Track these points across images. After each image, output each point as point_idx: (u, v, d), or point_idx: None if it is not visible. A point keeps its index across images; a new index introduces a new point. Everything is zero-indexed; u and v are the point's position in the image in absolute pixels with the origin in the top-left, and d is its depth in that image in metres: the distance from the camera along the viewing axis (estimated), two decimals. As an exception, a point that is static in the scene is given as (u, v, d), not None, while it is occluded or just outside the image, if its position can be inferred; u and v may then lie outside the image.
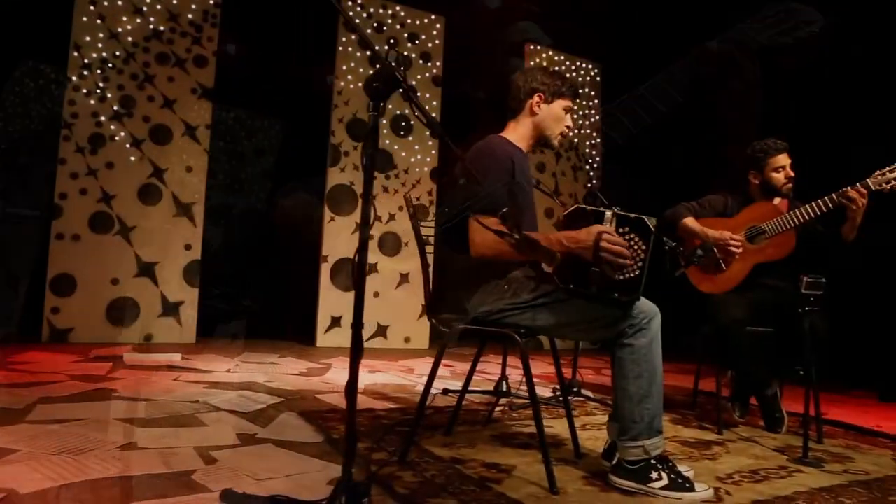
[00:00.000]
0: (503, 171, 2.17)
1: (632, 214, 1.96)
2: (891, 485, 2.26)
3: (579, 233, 1.97)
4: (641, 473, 1.98)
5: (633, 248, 1.93)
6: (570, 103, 2.36)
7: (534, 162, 6.73)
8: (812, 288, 2.54)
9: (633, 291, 1.94)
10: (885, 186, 2.90)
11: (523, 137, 2.37)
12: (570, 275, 1.98)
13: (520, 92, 2.35)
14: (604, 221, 1.97)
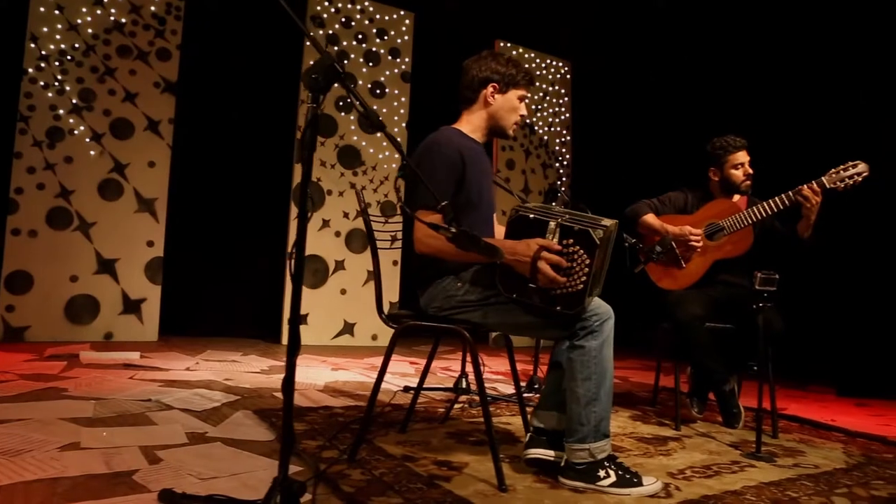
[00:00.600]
0: (451, 165, 2.14)
1: (577, 226, 1.91)
2: (839, 478, 2.28)
3: (518, 245, 1.91)
4: (589, 473, 1.98)
5: (577, 262, 1.89)
6: (525, 92, 2.33)
7: (503, 159, 6.73)
8: (765, 284, 2.55)
9: (575, 305, 1.91)
10: (839, 185, 2.93)
11: (478, 128, 2.34)
12: (512, 285, 1.96)
13: (473, 82, 2.31)
14: (546, 232, 1.92)
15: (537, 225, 1.95)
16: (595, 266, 1.90)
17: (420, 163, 2.17)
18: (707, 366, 3.04)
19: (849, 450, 2.76)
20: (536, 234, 1.93)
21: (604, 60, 7.22)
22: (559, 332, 2.03)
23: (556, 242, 1.90)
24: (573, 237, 1.91)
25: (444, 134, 2.27)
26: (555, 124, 7.20)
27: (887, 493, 2.13)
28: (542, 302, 1.95)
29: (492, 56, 2.35)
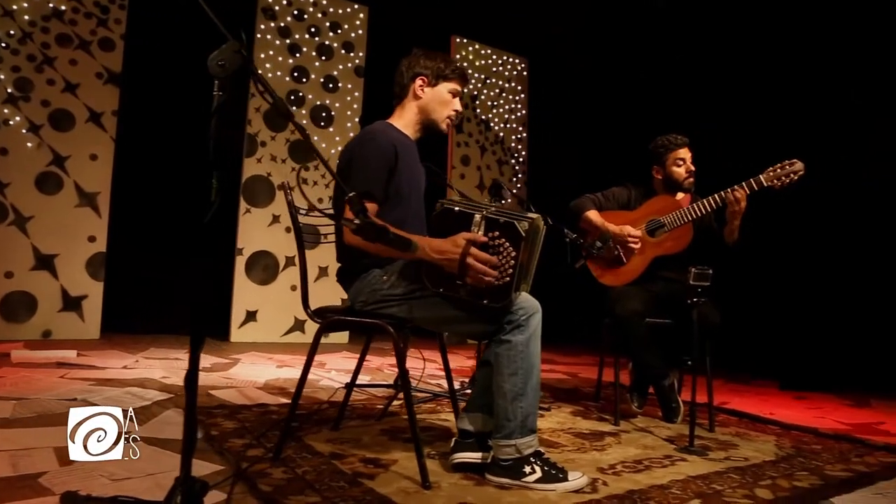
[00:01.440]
0: (385, 156, 2.10)
1: (502, 218, 1.88)
2: (766, 470, 2.30)
3: (444, 243, 1.88)
4: (515, 469, 1.96)
5: (503, 255, 1.87)
6: (457, 86, 2.31)
7: (458, 155, 6.70)
8: (699, 279, 2.57)
9: (502, 298, 1.89)
10: (776, 182, 2.96)
11: (409, 123, 2.31)
12: (438, 280, 1.93)
13: (403, 77, 2.29)
14: (472, 225, 1.90)
15: (463, 218, 1.92)
16: (521, 259, 1.88)
17: (354, 154, 2.14)
18: (646, 361, 3.05)
19: (781, 442, 2.80)
20: (462, 228, 1.90)
21: (561, 57, 7.24)
22: (486, 327, 2.01)
23: (481, 235, 1.88)
24: (499, 229, 1.89)
25: (378, 126, 2.25)
26: (511, 121, 7.20)
27: (808, 483, 2.16)
28: (469, 296, 1.92)
29: (423, 53, 2.33)
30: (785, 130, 5.18)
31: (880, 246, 4.83)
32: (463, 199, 2.00)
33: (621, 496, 1.91)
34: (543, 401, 3.47)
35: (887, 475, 2.36)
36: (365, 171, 2.06)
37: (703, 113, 5.56)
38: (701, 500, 1.92)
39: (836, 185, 4.96)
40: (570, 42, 7.01)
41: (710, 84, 5.80)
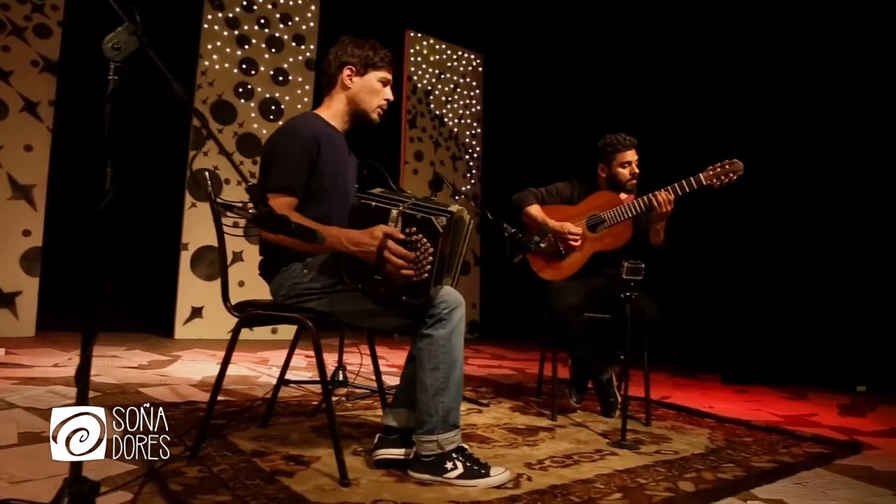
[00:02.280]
0: (305, 148, 2.05)
1: (419, 214, 1.86)
2: (693, 463, 2.31)
3: (362, 235, 1.85)
4: (437, 465, 1.93)
5: (420, 251, 1.85)
6: (387, 74, 2.26)
7: (411, 150, 6.65)
8: (632, 273, 2.57)
9: (421, 294, 1.86)
10: (715, 181, 2.97)
11: (338, 114, 2.26)
12: (357, 275, 1.89)
13: (331, 66, 2.24)
14: (389, 220, 1.86)
15: (379, 213, 1.89)
16: (441, 254, 1.85)
17: (275, 146, 2.09)
18: (584, 356, 3.05)
19: (714, 435, 2.82)
20: (379, 223, 1.86)
21: (516, 53, 7.24)
22: (408, 321, 1.98)
23: (399, 231, 1.85)
24: (416, 225, 1.85)
25: (302, 117, 2.21)
26: (465, 116, 7.18)
27: (732, 475, 2.17)
28: (388, 292, 1.89)
29: (352, 41, 2.27)
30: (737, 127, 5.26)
31: (819, 242, 4.94)
32: (386, 193, 1.96)
33: (542, 491, 1.89)
34: (483, 396, 3.46)
35: (810, 465, 2.40)
36: (283, 164, 2.00)
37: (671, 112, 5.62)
38: (622, 493, 1.92)
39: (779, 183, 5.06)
40: (527, 38, 7.02)
41: (680, 83, 5.85)
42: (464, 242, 2.07)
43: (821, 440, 2.79)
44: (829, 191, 4.96)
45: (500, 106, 7.39)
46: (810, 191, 5.03)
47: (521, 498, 1.83)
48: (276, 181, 1.98)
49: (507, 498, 1.82)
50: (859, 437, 3.00)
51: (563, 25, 6.63)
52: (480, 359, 5.35)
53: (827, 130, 5.01)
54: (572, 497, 1.86)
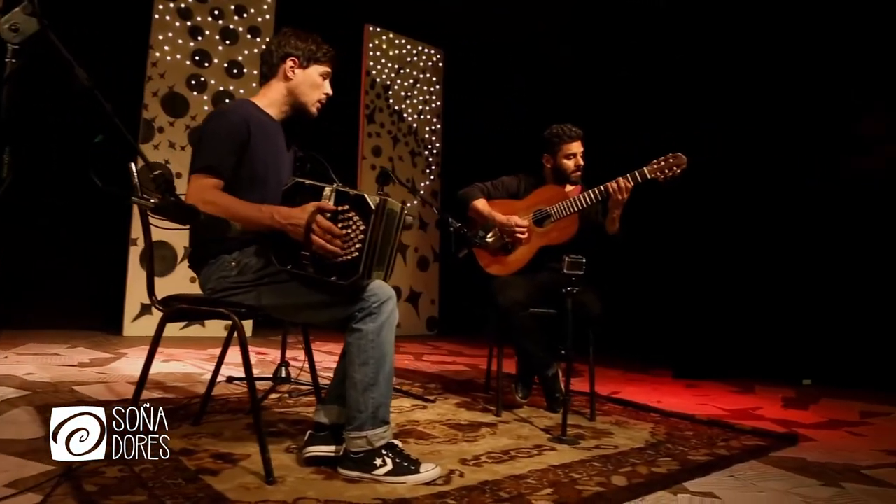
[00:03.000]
0: (233, 133, 1.99)
1: (352, 191, 1.85)
2: (630, 457, 2.31)
3: (292, 210, 1.84)
4: (366, 462, 1.90)
5: (352, 228, 1.83)
6: (329, 69, 2.24)
7: (369, 145, 6.59)
8: (572, 268, 2.56)
9: (350, 274, 1.83)
10: (659, 175, 2.97)
11: (274, 103, 2.22)
12: (286, 256, 1.86)
13: (272, 56, 2.20)
14: (322, 198, 1.85)
15: (312, 191, 1.87)
16: (372, 235, 1.83)
17: (204, 130, 2.05)
18: (529, 351, 3.04)
19: (656, 430, 2.83)
20: (312, 201, 1.84)
21: (476, 49, 7.22)
22: (337, 315, 1.94)
23: (331, 205, 1.82)
24: (348, 202, 1.84)
25: (234, 102, 2.19)
26: (425, 112, 7.15)
27: (667, 469, 2.17)
28: (317, 272, 1.86)
29: (294, 33, 2.25)
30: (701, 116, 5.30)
31: (767, 237, 5.01)
32: None
33: (472, 487, 1.87)
34: (431, 392, 3.43)
35: (745, 458, 2.42)
36: (210, 146, 1.95)
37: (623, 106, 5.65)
38: (553, 488, 1.91)
39: (728, 178, 5.12)
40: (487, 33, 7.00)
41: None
42: (396, 236, 2.04)
43: (759, 433, 2.82)
44: (779, 185, 5.04)
45: (461, 101, 7.36)
46: (759, 185, 5.10)
47: (449, 494, 1.81)
48: (200, 161, 1.93)
49: (435, 494, 1.80)
50: (798, 429, 3.04)
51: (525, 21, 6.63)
52: (436, 355, 5.33)
53: (783, 124, 5.08)
54: (501, 493, 1.84)
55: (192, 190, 1.89)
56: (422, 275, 6.94)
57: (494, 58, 7.24)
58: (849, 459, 2.50)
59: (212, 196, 1.86)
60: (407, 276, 6.84)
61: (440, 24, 7.07)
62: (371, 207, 1.82)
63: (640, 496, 1.91)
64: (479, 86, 7.40)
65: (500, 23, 6.79)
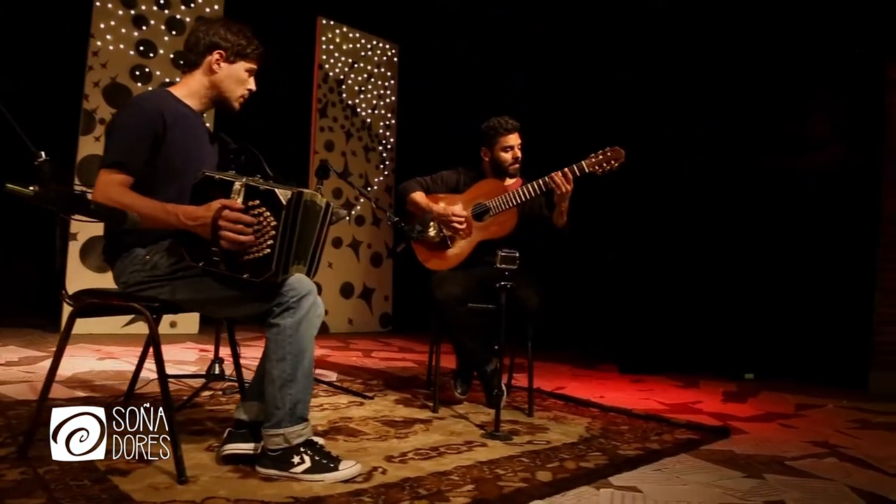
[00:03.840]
0: (146, 125, 1.92)
1: (262, 186, 1.79)
2: (561, 453, 2.30)
3: (198, 209, 1.78)
4: (283, 460, 1.85)
5: (262, 224, 1.77)
6: (255, 66, 2.18)
7: (321, 140, 6.51)
8: (506, 262, 2.54)
9: (262, 272, 1.78)
10: (597, 169, 2.97)
11: (195, 94, 2.15)
12: (197, 252, 1.80)
13: (198, 45, 2.11)
14: (231, 193, 1.79)
15: (223, 186, 1.80)
16: (285, 230, 1.78)
17: (115, 121, 1.98)
18: (467, 346, 3.02)
19: (593, 424, 2.83)
20: (221, 196, 1.78)
21: (431, 44, 7.17)
22: (254, 309, 1.89)
23: (239, 202, 1.76)
24: (259, 197, 1.79)
25: (149, 93, 2.12)
26: (379, 107, 7.08)
27: (594, 464, 2.17)
28: (229, 269, 1.80)
29: (223, 23, 2.17)
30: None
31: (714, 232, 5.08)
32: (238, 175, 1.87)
33: (392, 484, 1.84)
34: (372, 389, 3.39)
35: (675, 452, 2.43)
36: (120, 140, 1.88)
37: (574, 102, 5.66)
38: (475, 485, 1.89)
39: (675, 175, 5.18)
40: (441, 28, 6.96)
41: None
42: (320, 229, 2.00)
43: (693, 427, 2.84)
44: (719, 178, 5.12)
45: (415, 97, 7.30)
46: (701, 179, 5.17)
47: (366, 492, 1.77)
48: (109, 157, 1.86)
49: (352, 492, 1.76)
50: (733, 422, 3.07)
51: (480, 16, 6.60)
52: (386, 352, 5.28)
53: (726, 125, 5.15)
54: (421, 489, 1.81)
55: (98, 186, 1.83)
56: (375, 271, 6.88)
57: (451, 53, 7.20)
58: (776, 451, 2.53)
59: (116, 195, 1.79)
60: (360, 273, 6.77)
61: (396, 19, 7.00)
62: (282, 202, 1.76)
63: (562, 491, 1.90)
64: (434, 81, 7.36)
65: (457, 18, 6.76)
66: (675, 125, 5.32)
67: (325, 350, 5.02)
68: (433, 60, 7.31)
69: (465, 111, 7.15)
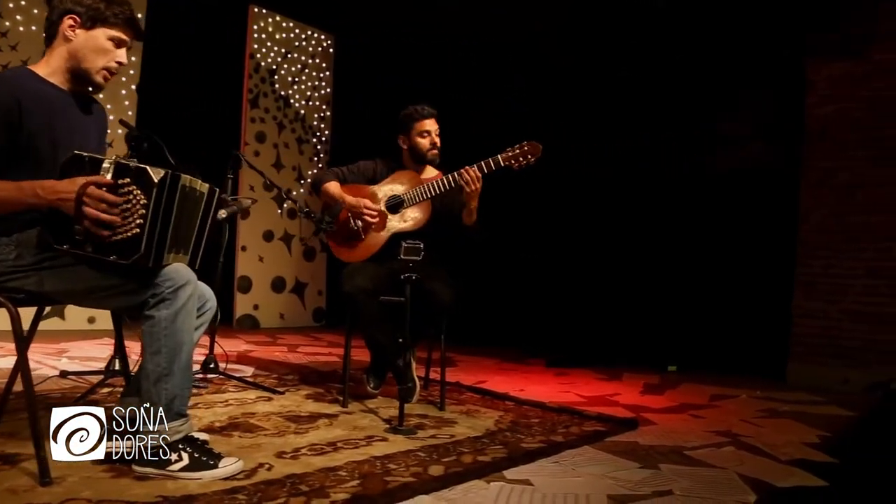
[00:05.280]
0: None
1: (133, 164, 1.71)
2: (461, 447, 2.28)
3: (60, 183, 1.67)
4: (159, 457, 1.77)
5: (132, 203, 1.69)
6: (121, 34, 1.96)
7: (252, 131, 6.35)
8: (410, 254, 2.50)
9: (130, 253, 1.69)
10: (513, 163, 2.94)
11: (57, 70, 1.95)
12: (61, 233, 1.70)
13: (53, 13, 1.93)
14: (101, 171, 1.70)
15: (92, 164, 1.71)
16: (156, 210, 1.69)
17: None
18: (378, 340, 2.97)
19: (504, 418, 2.82)
20: (90, 175, 1.69)
21: (368, 34, 7.06)
22: (128, 301, 1.80)
23: (107, 179, 1.67)
24: (129, 175, 1.70)
25: (6, 74, 1.96)
26: (314, 98, 6.95)
27: (492, 457, 2.15)
28: (95, 252, 1.71)
29: None
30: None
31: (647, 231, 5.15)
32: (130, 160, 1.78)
33: (273, 481, 1.78)
34: (286, 384, 3.32)
35: (579, 444, 2.43)
36: None
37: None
38: (361, 480, 1.84)
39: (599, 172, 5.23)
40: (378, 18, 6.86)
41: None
42: (203, 216, 1.92)
43: (603, 419, 2.85)
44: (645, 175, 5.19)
45: (352, 89, 7.19)
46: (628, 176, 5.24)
47: (243, 489, 1.71)
48: None
49: (227, 490, 1.69)
50: (647, 413, 3.11)
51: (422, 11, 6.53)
52: (314, 347, 5.19)
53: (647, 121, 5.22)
54: (302, 486, 1.76)
55: None
56: (308, 265, 6.76)
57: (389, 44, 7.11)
58: (679, 441, 2.56)
59: None
60: (292, 266, 6.65)
61: (331, 9, 6.88)
62: (153, 180, 1.68)
63: (451, 485, 1.87)
64: (372, 73, 7.26)
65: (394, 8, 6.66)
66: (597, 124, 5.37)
67: (249, 345, 4.91)
68: (370, 52, 7.21)
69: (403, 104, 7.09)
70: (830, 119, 4.46)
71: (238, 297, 6.18)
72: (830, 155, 4.44)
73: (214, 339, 3.35)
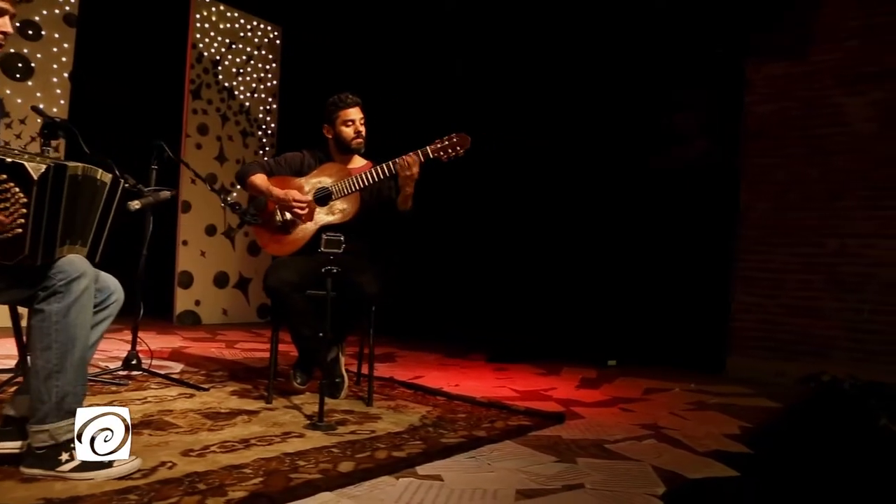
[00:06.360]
0: None
1: (8, 159, 1.61)
2: (379, 442, 2.25)
3: None
4: (49, 458, 1.69)
5: (11, 202, 1.60)
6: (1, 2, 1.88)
7: (194, 123, 6.20)
8: (330, 246, 2.46)
9: (14, 254, 1.62)
10: (442, 155, 2.92)
11: None
12: None
13: None
14: None
15: None
16: (40, 208, 1.61)
17: None
18: (303, 334, 2.92)
19: (432, 413, 2.79)
20: None
21: (315, 26, 6.96)
22: (16, 294, 1.72)
23: None
24: (6, 172, 1.61)
25: None
26: (259, 90, 6.83)
27: (407, 453, 2.12)
28: None
29: None
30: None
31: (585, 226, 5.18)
32: None
33: (171, 480, 1.72)
34: (213, 380, 3.24)
35: (500, 438, 2.41)
36: None
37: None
38: (264, 478, 1.79)
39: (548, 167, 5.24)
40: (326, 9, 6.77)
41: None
42: (105, 206, 1.84)
43: (531, 413, 2.85)
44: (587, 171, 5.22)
45: (299, 81, 7.08)
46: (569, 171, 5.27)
47: (137, 489, 1.65)
48: None
49: (119, 490, 1.63)
50: (577, 407, 3.11)
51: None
52: (253, 343, 5.09)
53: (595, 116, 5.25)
54: (200, 485, 1.70)
55: None
56: (252, 259, 6.64)
57: (337, 36, 7.03)
58: (602, 435, 2.57)
59: None
60: (235, 262, 6.52)
61: (279, 1, 6.77)
62: (31, 177, 1.60)
63: (358, 482, 1.84)
64: (320, 65, 7.16)
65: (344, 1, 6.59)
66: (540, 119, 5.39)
67: (184, 342, 4.79)
68: (319, 44, 7.11)
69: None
70: (768, 118, 4.56)
71: (179, 292, 6.03)
72: (768, 152, 4.53)
73: (137, 334, 3.24)
